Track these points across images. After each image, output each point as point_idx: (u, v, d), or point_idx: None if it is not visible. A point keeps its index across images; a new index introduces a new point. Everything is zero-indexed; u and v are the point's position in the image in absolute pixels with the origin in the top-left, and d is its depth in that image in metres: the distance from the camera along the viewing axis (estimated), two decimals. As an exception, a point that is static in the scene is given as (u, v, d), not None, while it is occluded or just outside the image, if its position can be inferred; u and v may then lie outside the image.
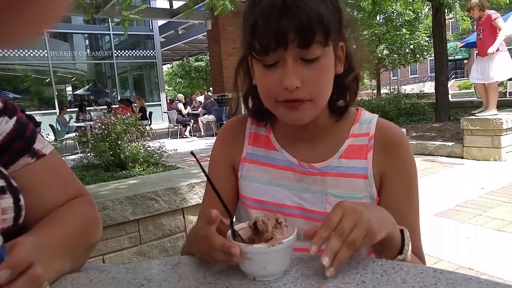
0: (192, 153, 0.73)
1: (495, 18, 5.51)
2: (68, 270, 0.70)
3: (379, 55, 19.11)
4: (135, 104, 12.96)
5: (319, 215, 0.83)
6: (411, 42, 19.07)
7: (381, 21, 17.40)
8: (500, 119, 5.40)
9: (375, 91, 19.00)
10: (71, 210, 0.81)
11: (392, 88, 20.87)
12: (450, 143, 6.10)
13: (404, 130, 6.38)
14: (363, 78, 0.87)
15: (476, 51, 6.38)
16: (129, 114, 6.24)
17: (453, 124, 7.40)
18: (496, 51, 5.47)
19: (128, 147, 5.50)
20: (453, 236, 3.07)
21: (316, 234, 0.61)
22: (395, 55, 19.91)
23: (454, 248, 2.86)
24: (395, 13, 16.82)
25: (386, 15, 17.12)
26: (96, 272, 0.69)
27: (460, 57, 37.02)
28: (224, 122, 11.78)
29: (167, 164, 5.76)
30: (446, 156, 5.99)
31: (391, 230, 0.67)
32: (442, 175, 5.04)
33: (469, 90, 18.49)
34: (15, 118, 0.78)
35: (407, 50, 19.66)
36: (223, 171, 0.95)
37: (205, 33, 15.20)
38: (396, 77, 34.89)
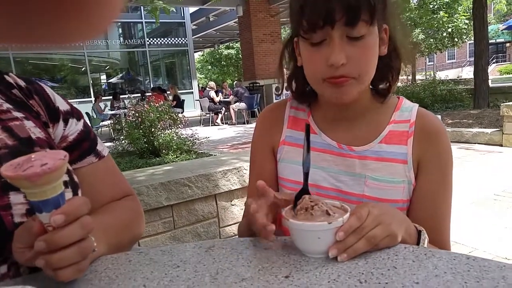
0: None
1: None
2: (107, 253, 0.74)
3: (414, 40, 18.43)
4: (168, 92, 13.16)
5: (356, 198, 0.85)
6: (449, 25, 18.28)
7: (416, 4, 16.78)
8: (544, 105, 5.16)
9: (410, 77, 18.45)
10: (119, 205, 0.89)
11: (428, 74, 20.14)
12: (488, 130, 5.89)
13: (439, 117, 6.19)
14: (406, 63, 0.88)
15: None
16: (162, 102, 6.36)
17: (493, 111, 7.12)
18: None
19: (162, 135, 5.62)
20: (490, 226, 2.99)
21: (341, 235, 0.63)
22: (432, 40, 19.17)
23: (490, 237, 2.78)
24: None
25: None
26: (135, 254, 0.73)
27: (502, 40, 35.24)
28: (255, 109, 11.89)
29: (200, 151, 5.86)
30: (485, 144, 5.80)
31: (404, 235, 0.68)
32: (480, 163, 4.89)
33: (511, 75, 17.63)
34: (82, 120, 0.87)
35: (444, 34, 18.88)
36: (263, 155, 0.98)
37: (236, 19, 15.16)
38: (432, 63, 33.66)
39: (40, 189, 0.55)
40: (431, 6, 17.31)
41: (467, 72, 27.23)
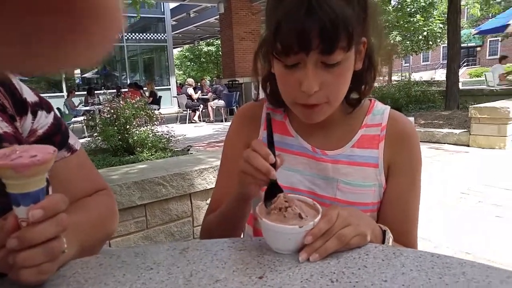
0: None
1: None
2: (77, 255, 0.71)
3: (392, 41, 18.82)
4: (145, 88, 12.97)
5: (329, 200, 0.86)
6: (425, 29, 18.76)
7: (394, 7, 17.13)
8: (508, 108, 5.40)
9: (386, 78, 18.79)
10: (93, 202, 0.86)
11: (403, 75, 20.59)
12: (457, 131, 6.11)
13: (412, 118, 6.36)
14: (381, 72, 0.88)
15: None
16: (138, 98, 6.28)
17: (462, 112, 7.38)
18: None
19: (137, 132, 5.54)
20: (455, 223, 3.11)
21: (309, 239, 0.65)
22: (408, 42, 19.62)
23: (454, 233, 2.90)
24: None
25: (400, 1, 16.85)
26: (106, 256, 0.71)
27: (473, 44, 36.36)
28: (234, 107, 11.83)
29: (175, 149, 5.81)
30: (453, 144, 6.01)
31: (371, 236, 0.71)
32: (447, 162, 5.08)
33: (480, 78, 18.20)
34: (52, 113, 0.82)
35: (420, 37, 19.36)
36: (237, 151, 0.95)
37: (217, 16, 15.06)
38: (408, 64, 34.40)
39: (23, 181, 0.54)
40: (408, 9, 17.70)
41: (440, 74, 27.90)
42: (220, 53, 19.30)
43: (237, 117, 1.02)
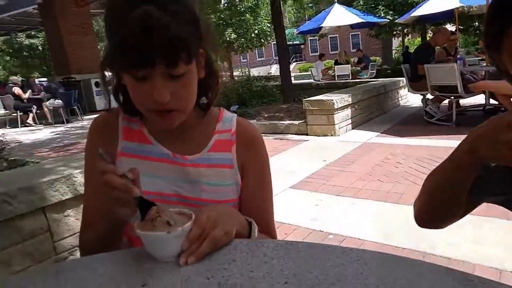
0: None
1: None
2: None
3: (228, 39, 19.87)
4: None
5: (195, 201, 0.94)
6: (255, 27, 20.35)
7: (225, 6, 18.11)
8: (332, 100, 6.25)
9: (228, 73, 19.76)
10: None
11: (243, 71, 21.95)
12: (296, 122, 6.82)
13: (255, 121, 6.89)
14: (222, 69, 0.99)
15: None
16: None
17: (298, 105, 8.21)
18: None
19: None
20: (306, 205, 3.55)
21: (186, 245, 0.72)
22: (243, 39, 20.97)
23: (306, 214, 3.31)
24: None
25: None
26: None
27: (297, 42, 40.99)
28: (75, 107, 10.88)
29: (11, 158, 5.14)
30: (295, 134, 6.69)
31: (238, 228, 0.83)
32: (292, 151, 5.65)
33: (307, 73, 20.67)
34: None
35: (252, 35, 20.90)
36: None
37: (36, 6, 13.41)
38: (245, 60, 36.64)
39: None
40: (238, 8, 18.92)
41: (275, 70, 30.62)
42: (47, 47, 17.31)
43: (91, 129, 1.01)
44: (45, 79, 16.43)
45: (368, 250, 0.71)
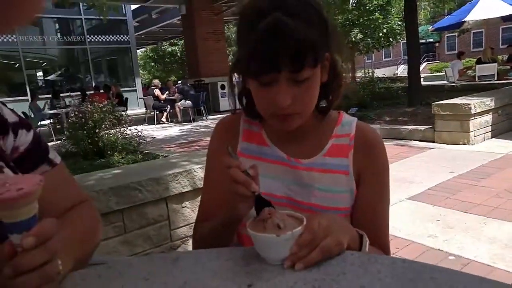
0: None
1: None
2: (73, 270, 0.74)
3: (353, 39, 19.29)
4: (111, 92, 12.73)
5: (306, 206, 0.93)
6: (384, 26, 19.32)
7: (353, 5, 17.57)
8: (469, 104, 5.57)
9: (350, 75, 19.27)
10: (78, 215, 0.89)
11: (366, 72, 21.19)
12: (422, 127, 6.30)
13: (378, 126, 6.50)
14: (345, 69, 0.97)
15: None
16: (105, 102, 6.18)
17: (425, 109, 7.59)
18: None
19: (106, 135, 5.46)
20: (424, 219, 3.24)
21: (295, 249, 0.69)
22: (369, 39, 20.13)
23: (424, 229, 3.03)
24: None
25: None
26: (103, 268, 0.75)
27: (431, 40, 37.76)
28: (201, 107, 11.81)
29: (145, 151, 5.75)
30: (419, 140, 6.19)
31: (349, 240, 0.77)
32: (414, 159, 5.23)
33: (440, 74, 18.93)
34: (32, 131, 0.87)
35: (380, 34, 19.91)
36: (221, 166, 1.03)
37: (180, 17, 14.95)
38: (370, 61, 35.31)
39: (13, 212, 0.56)
40: (367, 7, 18.19)
41: (402, 70, 28.84)
42: (184, 53, 19.18)
43: (217, 130, 1.08)
44: (180, 82, 18.28)
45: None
